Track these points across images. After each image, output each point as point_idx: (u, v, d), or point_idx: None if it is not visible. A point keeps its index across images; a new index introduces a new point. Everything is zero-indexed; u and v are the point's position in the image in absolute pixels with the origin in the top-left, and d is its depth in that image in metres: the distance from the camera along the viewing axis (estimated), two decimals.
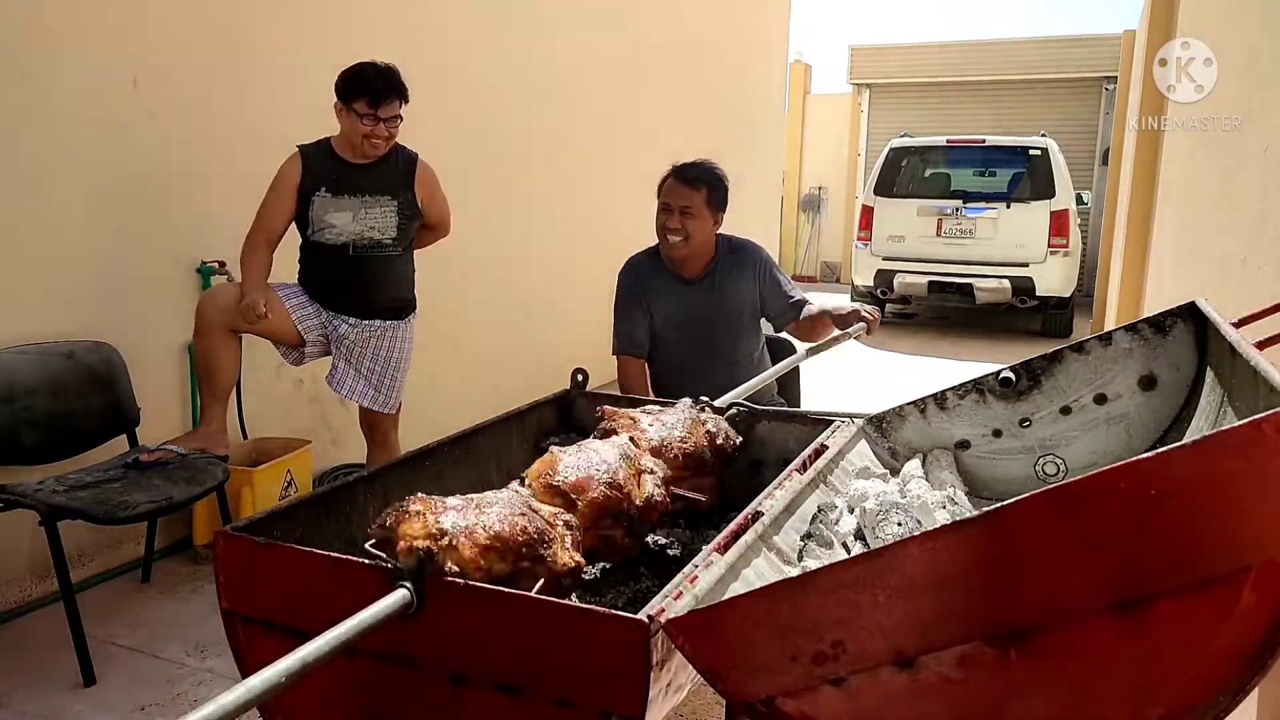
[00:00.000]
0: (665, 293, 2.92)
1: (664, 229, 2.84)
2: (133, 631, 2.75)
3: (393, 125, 2.91)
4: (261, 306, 2.80)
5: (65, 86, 2.83)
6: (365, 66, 2.87)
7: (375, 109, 2.85)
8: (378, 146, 2.92)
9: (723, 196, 2.88)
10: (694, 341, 2.89)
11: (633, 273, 2.98)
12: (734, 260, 2.94)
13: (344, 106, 2.87)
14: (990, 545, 1.04)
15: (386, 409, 3.17)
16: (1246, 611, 0.98)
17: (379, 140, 2.90)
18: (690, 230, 2.81)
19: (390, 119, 2.89)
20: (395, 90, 2.88)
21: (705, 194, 2.82)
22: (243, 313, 2.81)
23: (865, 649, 1.09)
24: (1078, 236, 8.95)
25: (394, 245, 3.06)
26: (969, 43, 12.98)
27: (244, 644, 1.49)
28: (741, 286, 2.93)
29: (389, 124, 2.89)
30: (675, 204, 2.81)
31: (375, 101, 2.84)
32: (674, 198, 2.81)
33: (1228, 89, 3.34)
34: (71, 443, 2.78)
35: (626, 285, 2.98)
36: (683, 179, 2.83)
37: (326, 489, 1.76)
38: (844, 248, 12.88)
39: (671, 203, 2.82)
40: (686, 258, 2.87)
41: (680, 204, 2.80)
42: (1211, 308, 1.82)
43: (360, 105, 2.84)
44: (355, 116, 2.86)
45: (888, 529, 1.60)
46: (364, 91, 2.84)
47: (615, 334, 2.97)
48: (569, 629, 1.23)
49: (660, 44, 6.67)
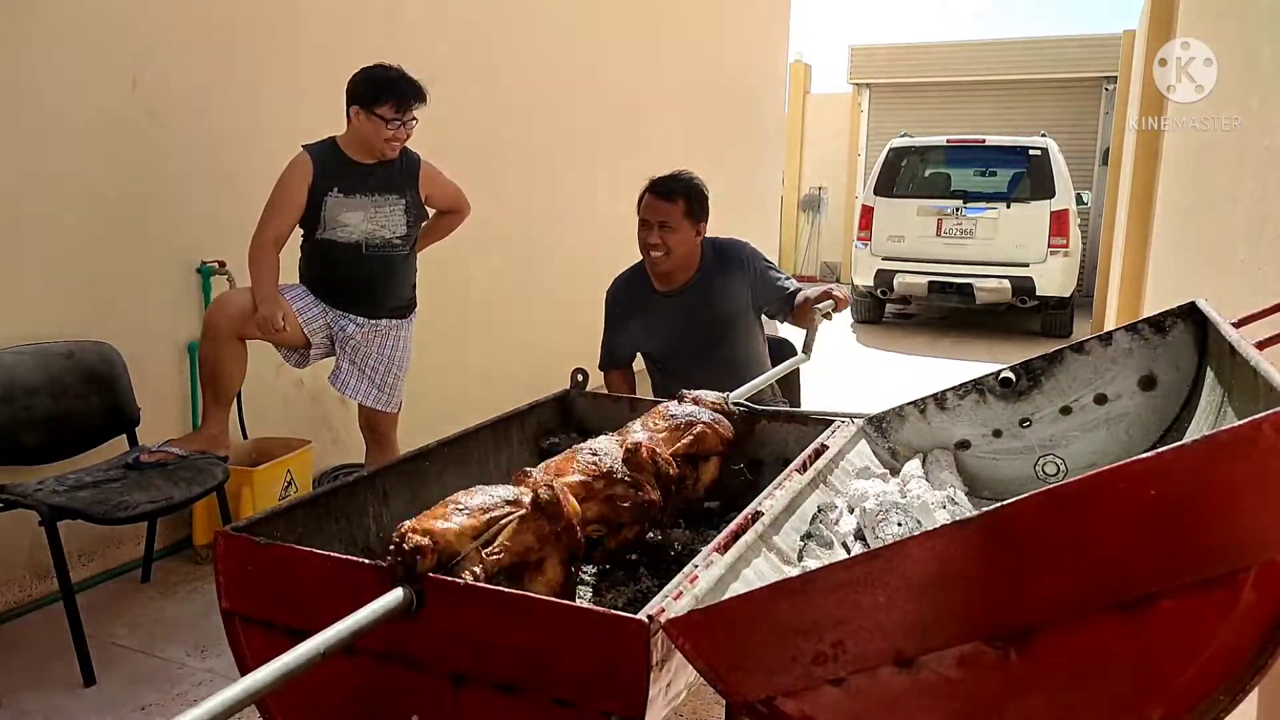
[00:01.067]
0: (655, 309, 2.91)
1: (645, 245, 2.82)
2: (133, 631, 2.75)
3: (411, 128, 2.94)
4: (280, 320, 2.82)
5: (65, 87, 2.83)
6: (386, 70, 2.88)
7: (401, 114, 2.87)
8: (396, 149, 2.95)
9: (702, 206, 2.85)
10: (694, 348, 2.88)
11: (617, 295, 3.00)
12: (721, 263, 2.92)
13: (364, 110, 2.87)
14: (990, 545, 1.04)
15: (388, 408, 3.17)
16: (1246, 611, 0.98)
17: (399, 143, 2.93)
18: (671, 244, 2.79)
19: (410, 122, 2.92)
20: (419, 95, 2.90)
21: (683, 206, 2.79)
22: (259, 325, 2.82)
23: (865, 649, 1.09)
24: (1078, 236, 8.95)
25: (402, 244, 3.08)
26: (969, 43, 12.99)
27: (244, 644, 1.49)
28: (733, 287, 2.91)
29: (408, 126, 2.93)
30: (654, 219, 2.78)
31: (402, 106, 2.86)
32: (652, 213, 2.79)
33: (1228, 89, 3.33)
34: (71, 443, 2.78)
35: (611, 307, 3.00)
36: (659, 194, 2.80)
37: (326, 489, 1.76)
38: (844, 248, 12.87)
39: (650, 219, 2.79)
40: (671, 270, 2.86)
41: (659, 219, 2.78)
42: (1211, 308, 1.82)
43: (386, 110, 2.85)
44: (379, 120, 2.86)
45: (888, 529, 1.60)
46: (391, 95, 2.85)
47: (601, 350, 3.01)
48: (569, 629, 1.23)
49: (661, 44, 6.67)
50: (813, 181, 13.64)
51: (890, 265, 8.83)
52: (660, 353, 2.98)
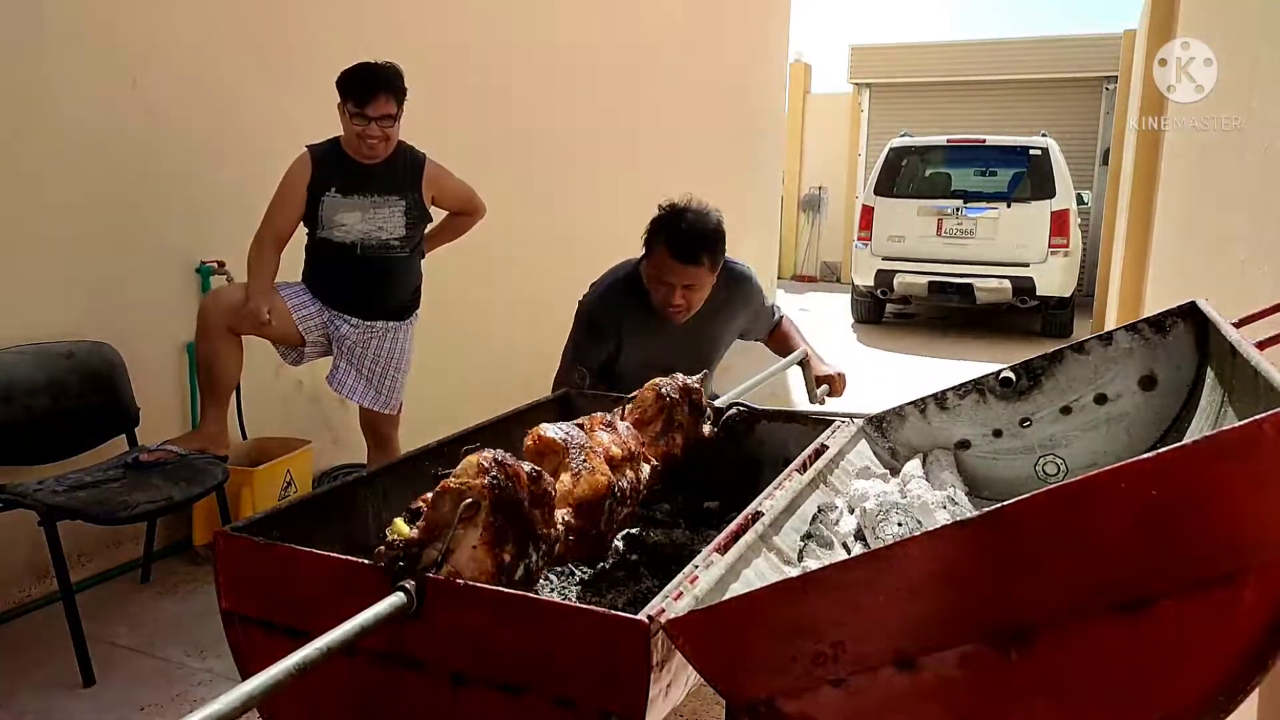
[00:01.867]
0: (649, 330, 2.60)
1: (665, 305, 2.50)
2: (132, 631, 2.75)
3: (385, 124, 2.87)
4: (265, 313, 2.80)
5: (65, 86, 2.83)
6: (357, 66, 2.86)
7: (362, 108, 2.82)
8: (374, 147, 2.90)
9: (723, 252, 2.52)
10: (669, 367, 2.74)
11: (609, 311, 2.61)
12: (730, 291, 2.68)
13: (340, 107, 2.88)
14: (990, 545, 1.04)
15: (387, 409, 3.17)
16: (1246, 611, 0.98)
17: (374, 140, 2.87)
18: (694, 302, 2.52)
19: (381, 118, 2.85)
20: (382, 88, 2.82)
21: (708, 264, 2.46)
22: (246, 317, 2.81)
23: (865, 649, 1.09)
24: (1078, 236, 8.95)
25: (401, 246, 3.05)
26: (969, 43, 12.99)
27: (244, 644, 1.49)
28: (735, 318, 2.77)
29: (381, 123, 2.86)
30: (678, 283, 2.45)
31: (361, 101, 2.82)
32: (676, 277, 2.45)
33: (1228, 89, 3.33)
34: (71, 443, 2.78)
35: (598, 322, 2.62)
36: (683, 258, 2.42)
37: (326, 489, 1.76)
38: (844, 248, 12.88)
39: (673, 281, 2.45)
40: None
41: (684, 283, 2.46)
42: (1211, 308, 1.82)
43: (349, 105, 2.84)
44: (348, 116, 2.86)
45: (888, 529, 1.60)
46: (349, 92, 2.83)
47: (562, 363, 2.64)
48: (569, 629, 1.22)
49: (661, 44, 6.67)
50: (813, 181, 13.65)
51: (890, 265, 8.83)
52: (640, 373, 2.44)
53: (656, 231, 2.49)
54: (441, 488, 1.30)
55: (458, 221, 3.29)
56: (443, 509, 1.29)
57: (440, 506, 1.30)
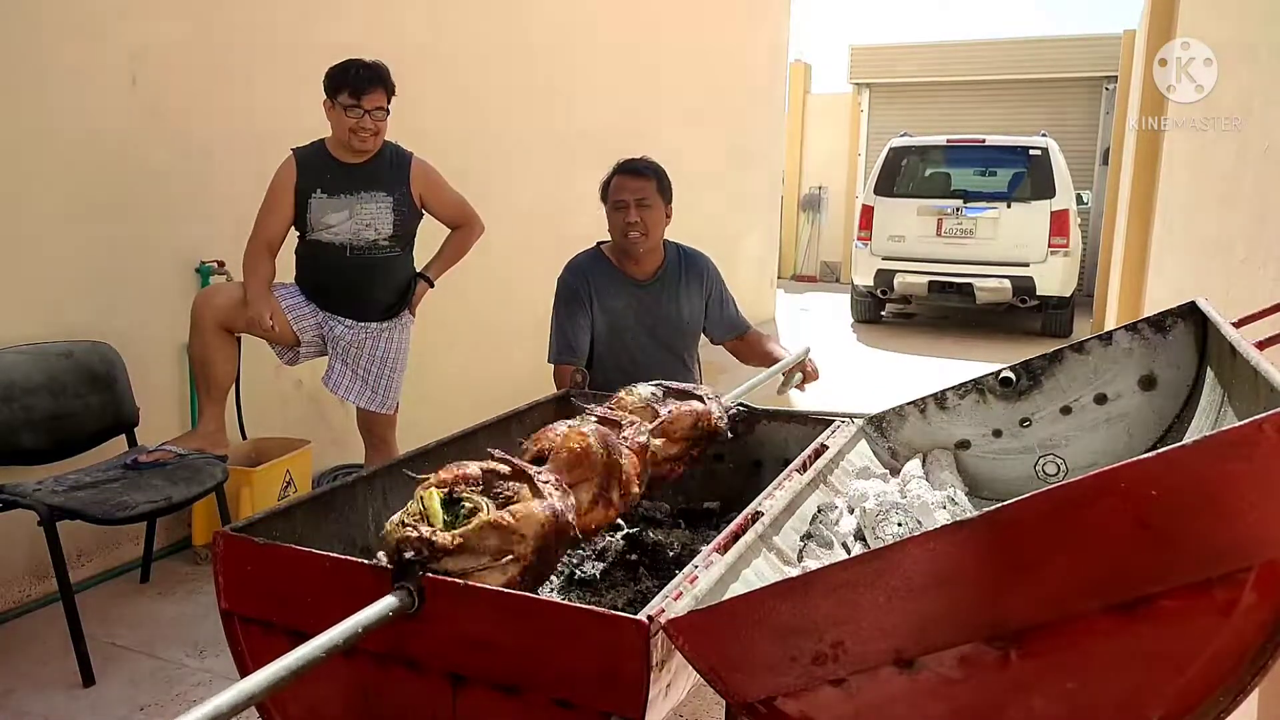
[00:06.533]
0: (613, 293, 2.80)
1: (625, 225, 2.72)
2: (132, 631, 2.75)
3: (378, 117, 2.91)
4: (268, 319, 2.83)
5: (64, 86, 2.83)
6: (348, 62, 2.90)
7: (359, 100, 2.86)
8: (366, 140, 2.92)
9: (669, 186, 2.81)
10: (642, 344, 2.82)
11: (577, 272, 2.82)
12: (686, 267, 2.88)
13: (331, 102, 2.90)
14: (990, 545, 1.04)
15: (383, 410, 3.16)
16: (1246, 611, 0.97)
17: (366, 133, 2.90)
18: (649, 224, 2.73)
19: (375, 110, 2.89)
20: (378, 81, 2.89)
21: (655, 183, 2.75)
22: (249, 324, 2.83)
23: (865, 649, 1.09)
24: (1078, 236, 8.95)
25: (391, 245, 3.05)
26: (969, 43, 12.98)
27: (243, 644, 1.49)
28: (691, 294, 2.87)
29: (374, 115, 2.90)
30: (630, 198, 2.70)
31: (358, 92, 2.86)
32: (628, 192, 2.71)
33: (1228, 88, 3.34)
34: (71, 443, 2.78)
35: (570, 286, 2.81)
36: (631, 172, 2.75)
37: (326, 489, 1.75)
38: (844, 248, 12.88)
39: (626, 198, 2.71)
40: (644, 254, 2.79)
41: (636, 196, 2.71)
42: (1211, 308, 1.82)
43: (344, 97, 2.86)
44: (341, 110, 2.88)
45: (888, 529, 1.60)
46: (346, 83, 2.86)
47: (552, 341, 2.80)
48: (569, 629, 1.22)
49: (661, 44, 6.67)
50: (813, 181, 13.64)
51: (890, 265, 8.82)
52: (606, 341, 2.83)
53: (610, 172, 2.81)
54: (496, 521, 1.29)
55: (456, 238, 3.26)
56: (488, 541, 1.28)
57: (487, 538, 1.28)
